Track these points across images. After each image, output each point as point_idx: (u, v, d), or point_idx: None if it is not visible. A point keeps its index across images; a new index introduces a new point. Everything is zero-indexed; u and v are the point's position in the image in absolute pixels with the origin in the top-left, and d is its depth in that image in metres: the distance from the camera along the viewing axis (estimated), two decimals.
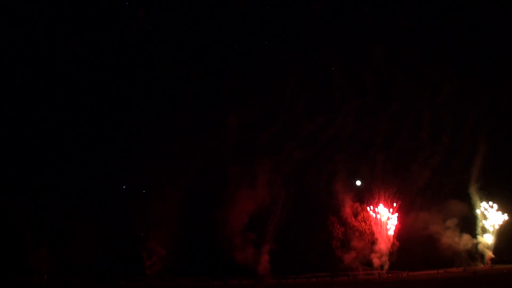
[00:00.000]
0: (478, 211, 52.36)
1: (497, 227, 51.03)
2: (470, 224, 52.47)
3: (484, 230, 51.74)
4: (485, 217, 51.80)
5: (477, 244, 51.75)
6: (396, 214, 51.35)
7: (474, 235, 52.00)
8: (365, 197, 52.87)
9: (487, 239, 51.35)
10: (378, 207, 51.70)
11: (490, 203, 51.62)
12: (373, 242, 50.79)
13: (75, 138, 51.21)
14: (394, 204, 51.61)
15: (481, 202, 52.18)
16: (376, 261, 50.22)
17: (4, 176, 49.39)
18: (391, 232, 50.77)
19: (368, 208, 52.11)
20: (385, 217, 51.21)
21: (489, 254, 51.03)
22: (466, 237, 51.66)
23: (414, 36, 53.48)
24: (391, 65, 54.07)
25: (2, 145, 49.82)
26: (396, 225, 51.08)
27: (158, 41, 52.91)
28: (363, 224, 51.73)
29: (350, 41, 53.79)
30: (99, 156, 51.62)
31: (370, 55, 54.16)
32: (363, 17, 54.07)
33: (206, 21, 53.35)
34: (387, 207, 51.65)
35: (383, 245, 50.41)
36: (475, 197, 52.73)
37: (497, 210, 51.30)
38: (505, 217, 50.86)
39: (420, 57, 53.77)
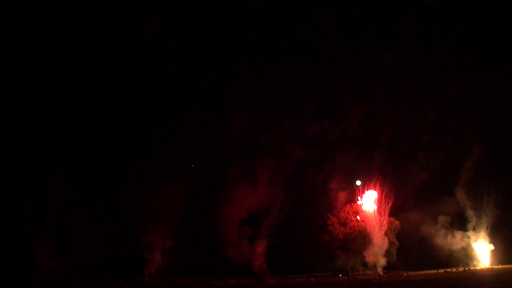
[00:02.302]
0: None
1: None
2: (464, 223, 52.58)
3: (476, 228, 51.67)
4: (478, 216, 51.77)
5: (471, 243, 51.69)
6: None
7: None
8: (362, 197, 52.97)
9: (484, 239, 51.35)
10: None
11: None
12: (370, 241, 50.63)
13: (79, 136, 50.56)
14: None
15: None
16: (371, 259, 50.08)
17: (7, 174, 48.30)
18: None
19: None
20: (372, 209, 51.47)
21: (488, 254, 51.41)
22: (460, 235, 51.65)
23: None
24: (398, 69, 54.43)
25: (6, 143, 48.76)
26: (394, 224, 51.54)
27: (166, 42, 52.48)
28: (362, 223, 52.00)
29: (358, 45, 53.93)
30: (102, 155, 50.99)
31: (376, 60, 54.54)
32: (371, 22, 54.18)
33: (215, 24, 53.00)
34: (382, 206, 51.83)
35: (379, 244, 50.49)
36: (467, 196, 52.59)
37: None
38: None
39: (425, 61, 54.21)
